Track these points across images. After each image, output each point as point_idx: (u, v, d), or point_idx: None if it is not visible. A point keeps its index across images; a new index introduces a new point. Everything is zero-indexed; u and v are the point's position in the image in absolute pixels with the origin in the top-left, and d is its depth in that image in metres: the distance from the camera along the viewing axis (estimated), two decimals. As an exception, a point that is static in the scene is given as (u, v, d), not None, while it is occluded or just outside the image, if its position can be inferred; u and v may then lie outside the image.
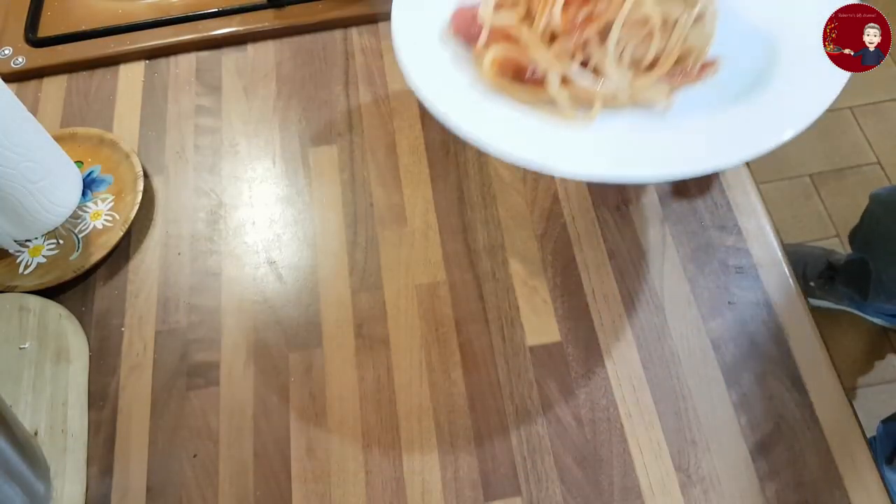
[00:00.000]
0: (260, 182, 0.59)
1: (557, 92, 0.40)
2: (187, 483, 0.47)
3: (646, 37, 0.40)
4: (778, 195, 1.36)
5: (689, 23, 0.40)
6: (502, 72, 0.41)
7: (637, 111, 0.41)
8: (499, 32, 0.41)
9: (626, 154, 0.39)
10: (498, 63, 0.41)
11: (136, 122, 0.63)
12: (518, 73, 0.41)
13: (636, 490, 0.45)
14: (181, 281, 0.54)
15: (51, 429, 0.48)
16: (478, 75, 0.42)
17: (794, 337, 0.49)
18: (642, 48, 0.40)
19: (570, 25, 0.39)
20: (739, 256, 0.52)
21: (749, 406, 0.47)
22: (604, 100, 0.41)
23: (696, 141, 0.39)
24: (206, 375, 0.50)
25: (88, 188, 0.58)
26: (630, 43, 0.40)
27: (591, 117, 0.40)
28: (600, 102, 0.41)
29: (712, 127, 0.40)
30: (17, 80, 0.65)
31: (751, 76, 0.43)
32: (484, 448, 0.47)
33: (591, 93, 0.40)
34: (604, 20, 0.38)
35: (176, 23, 0.66)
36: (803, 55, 0.43)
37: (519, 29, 0.40)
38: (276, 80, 0.64)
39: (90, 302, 0.54)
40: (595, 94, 0.40)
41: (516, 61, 0.40)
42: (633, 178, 0.39)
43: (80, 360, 0.51)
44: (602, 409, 0.47)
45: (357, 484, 0.46)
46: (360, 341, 0.51)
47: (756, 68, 0.43)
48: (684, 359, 0.49)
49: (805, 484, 0.44)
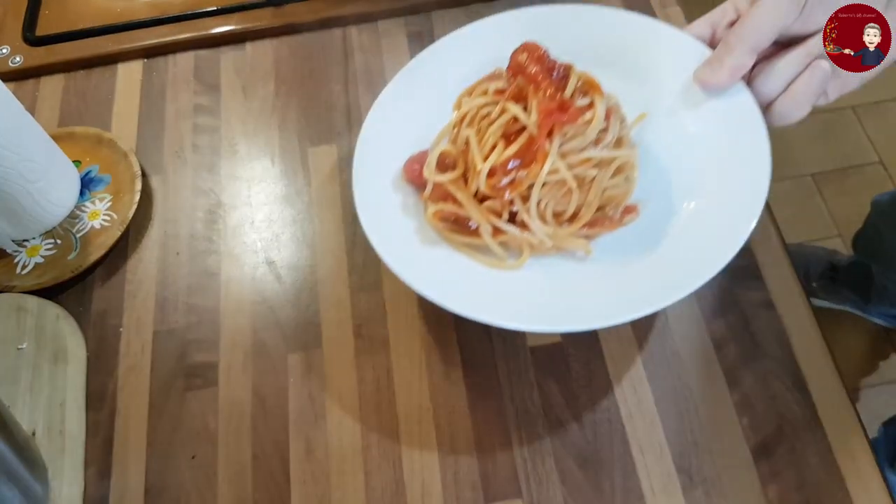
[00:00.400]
0: (259, 181, 0.59)
1: (490, 241, 0.46)
2: (186, 484, 0.47)
3: (566, 193, 0.45)
4: (780, 194, 1.36)
5: (605, 179, 0.45)
6: (444, 220, 0.47)
7: (563, 257, 0.46)
8: (441, 187, 0.47)
9: (541, 306, 0.44)
10: (439, 214, 0.46)
11: (134, 121, 0.62)
12: (458, 221, 0.47)
13: (637, 491, 0.44)
14: (179, 281, 0.54)
15: (49, 430, 0.48)
16: (424, 220, 0.48)
17: (796, 337, 0.48)
18: (563, 202, 0.45)
19: (494, 191, 0.44)
20: (741, 256, 0.52)
21: (751, 407, 0.46)
22: (531, 247, 0.46)
23: (607, 297, 0.44)
24: (205, 376, 0.50)
25: (86, 188, 0.58)
26: (551, 200, 0.45)
27: (519, 264, 0.46)
28: (528, 251, 0.46)
29: (625, 280, 0.44)
30: (15, 80, 0.65)
31: (673, 217, 0.47)
32: (484, 449, 0.46)
33: (519, 241, 0.45)
34: (525, 185, 0.43)
35: (174, 21, 0.66)
36: (718, 201, 0.46)
37: (456, 188, 0.46)
38: (275, 78, 0.64)
39: (88, 302, 0.54)
40: (523, 243, 0.45)
41: (455, 214, 0.46)
42: (544, 331, 0.44)
43: (78, 360, 0.51)
44: (603, 410, 0.47)
45: (356, 485, 0.46)
46: (360, 342, 0.51)
47: (678, 208, 0.47)
48: (686, 359, 0.48)
49: (807, 485, 0.44)
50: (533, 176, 0.43)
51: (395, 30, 0.65)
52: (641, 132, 0.51)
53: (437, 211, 0.46)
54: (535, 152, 0.43)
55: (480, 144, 0.45)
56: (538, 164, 0.43)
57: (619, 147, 0.46)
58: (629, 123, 0.49)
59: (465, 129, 0.46)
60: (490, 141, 0.44)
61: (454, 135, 0.48)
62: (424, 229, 0.48)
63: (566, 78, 0.44)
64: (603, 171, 0.45)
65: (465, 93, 0.50)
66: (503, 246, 0.46)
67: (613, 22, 0.53)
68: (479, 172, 0.44)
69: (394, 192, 0.49)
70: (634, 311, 0.42)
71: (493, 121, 0.45)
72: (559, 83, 0.44)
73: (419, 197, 0.49)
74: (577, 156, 0.44)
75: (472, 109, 0.47)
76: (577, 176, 0.44)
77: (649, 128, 0.51)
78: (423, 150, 0.50)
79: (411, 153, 0.50)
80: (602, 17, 0.54)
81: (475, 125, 0.46)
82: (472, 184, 0.45)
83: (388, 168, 0.50)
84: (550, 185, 0.44)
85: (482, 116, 0.46)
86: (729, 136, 0.47)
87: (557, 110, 0.42)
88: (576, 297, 0.44)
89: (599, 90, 0.45)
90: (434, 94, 0.52)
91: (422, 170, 0.47)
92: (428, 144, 0.51)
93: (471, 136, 0.45)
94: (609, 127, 0.45)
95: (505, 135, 0.44)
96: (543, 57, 0.44)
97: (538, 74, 0.43)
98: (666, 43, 0.51)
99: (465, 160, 0.46)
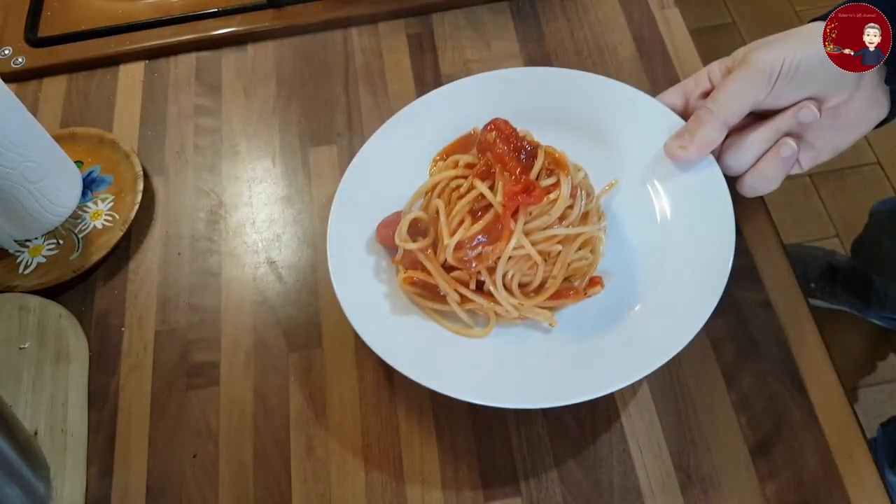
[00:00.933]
0: (260, 182, 0.59)
1: (458, 309, 0.47)
2: (187, 483, 0.47)
3: (532, 266, 0.46)
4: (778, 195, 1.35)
5: (570, 254, 0.46)
6: (414, 285, 0.48)
7: (528, 327, 0.47)
8: (411, 254, 0.48)
9: (500, 381, 0.45)
10: (409, 280, 0.48)
11: (135, 121, 0.63)
12: (427, 287, 0.48)
13: (636, 490, 0.45)
14: (181, 281, 0.54)
15: (51, 429, 0.48)
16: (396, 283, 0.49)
17: (794, 336, 0.49)
18: (530, 274, 0.46)
19: (461, 263, 0.46)
20: (739, 256, 0.52)
21: (749, 406, 0.47)
22: (497, 316, 0.47)
23: (565, 375, 0.45)
24: (206, 375, 0.50)
25: (88, 188, 0.58)
26: (517, 272, 0.46)
27: (486, 333, 0.47)
28: (494, 319, 0.47)
29: (587, 357, 0.45)
30: (17, 80, 0.66)
31: (637, 290, 0.48)
32: (483, 448, 0.47)
33: (486, 309, 0.47)
34: (491, 259, 0.45)
35: (176, 23, 0.66)
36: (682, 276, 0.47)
37: (425, 258, 0.47)
38: (275, 80, 0.64)
39: (90, 302, 0.54)
40: (489, 311, 0.47)
41: (424, 281, 0.47)
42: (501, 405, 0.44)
43: (80, 359, 0.51)
44: (602, 409, 0.47)
45: (357, 484, 0.46)
46: (360, 341, 0.51)
47: (642, 282, 0.48)
48: (684, 359, 0.48)
49: (805, 484, 0.44)
50: (498, 251, 0.44)
51: (395, 31, 0.65)
52: (610, 199, 0.52)
53: (406, 277, 0.48)
54: (501, 230, 0.44)
55: (449, 218, 0.46)
56: (503, 241, 0.44)
57: (585, 221, 0.47)
58: (598, 194, 0.50)
59: (436, 199, 0.48)
60: (458, 216, 0.46)
61: (426, 202, 0.49)
62: (396, 293, 0.49)
63: (533, 157, 0.45)
64: (568, 247, 0.46)
65: (440, 154, 0.53)
66: (470, 314, 0.48)
67: (588, 86, 0.55)
68: (447, 246, 0.45)
69: (367, 253, 0.51)
70: (589, 392, 0.43)
71: (462, 195, 0.46)
72: (526, 163, 0.45)
73: (392, 259, 0.50)
74: (541, 233, 0.45)
75: (442, 180, 0.48)
76: (543, 251, 0.45)
77: (618, 195, 0.52)
78: (398, 210, 0.51)
79: (386, 212, 0.51)
80: (576, 80, 0.55)
81: (445, 196, 0.47)
82: (440, 254, 0.46)
83: (363, 228, 0.51)
84: (517, 258, 0.45)
85: (452, 189, 0.47)
86: (695, 212, 0.49)
87: (523, 191, 0.43)
88: (536, 372, 0.45)
89: (566, 168, 0.45)
90: (409, 155, 0.54)
91: (394, 234, 0.48)
92: (403, 203, 0.52)
93: (440, 208, 0.46)
94: (575, 203, 0.46)
95: (472, 211, 0.46)
96: (511, 136, 0.45)
97: (504, 155, 0.45)
98: (640, 110, 0.53)
99: (435, 228, 0.47)
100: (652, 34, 0.63)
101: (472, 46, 0.64)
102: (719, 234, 0.47)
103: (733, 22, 1.63)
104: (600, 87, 0.55)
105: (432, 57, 0.64)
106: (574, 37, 0.64)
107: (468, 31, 0.65)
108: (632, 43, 0.63)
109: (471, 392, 0.44)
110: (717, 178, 0.49)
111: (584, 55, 0.63)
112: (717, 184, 0.48)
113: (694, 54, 0.61)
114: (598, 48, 0.63)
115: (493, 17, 0.66)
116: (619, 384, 0.43)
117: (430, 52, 0.64)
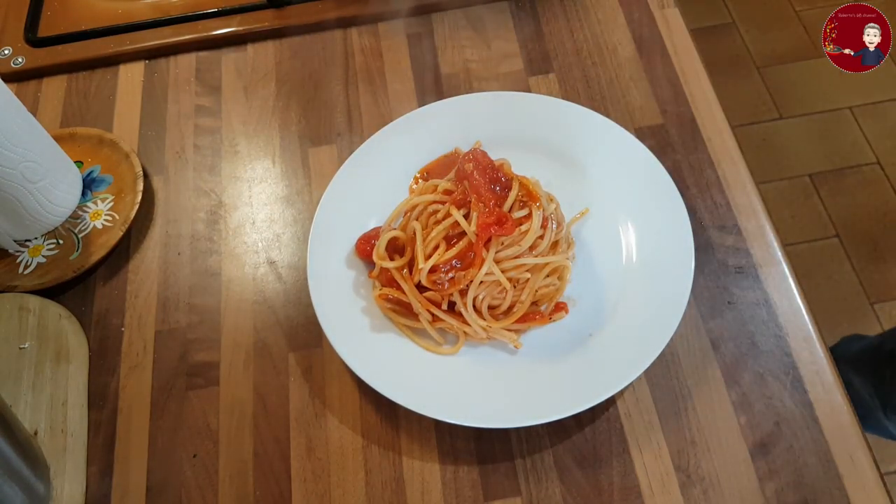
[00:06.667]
0: (260, 182, 0.59)
1: (428, 327, 0.49)
2: (187, 483, 0.47)
3: (501, 290, 0.48)
4: (777, 195, 1.36)
5: (538, 281, 0.48)
6: (389, 301, 0.50)
7: (495, 347, 0.49)
8: (388, 271, 0.50)
9: (464, 401, 0.46)
10: (384, 296, 0.50)
11: (135, 121, 0.63)
12: (401, 304, 0.50)
13: (636, 490, 0.45)
14: (181, 281, 0.54)
15: (51, 429, 0.48)
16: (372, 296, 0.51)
17: (793, 337, 0.49)
18: (500, 297, 0.48)
19: (435, 285, 0.48)
20: (739, 256, 0.52)
21: (749, 406, 0.47)
22: (465, 336, 0.49)
23: (527, 397, 0.46)
24: (206, 375, 0.50)
25: (88, 188, 0.58)
26: (487, 296, 0.48)
27: (454, 350, 0.49)
28: (463, 338, 0.49)
29: (548, 380, 0.47)
30: (17, 80, 0.66)
31: (601, 317, 0.49)
32: (483, 448, 0.47)
33: (456, 329, 0.49)
34: (462, 283, 0.47)
35: (176, 23, 0.66)
36: (644, 302, 0.49)
37: (400, 278, 0.49)
38: (275, 80, 0.64)
39: (90, 302, 0.54)
40: (459, 331, 0.49)
41: (399, 298, 0.49)
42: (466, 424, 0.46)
43: (80, 359, 0.51)
44: (601, 409, 0.47)
45: (357, 483, 0.46)
46: (360, 341, 0.51)
47: (606, 309, 0.50)
48: (684, 358, 0.49)
49: (804, 484, 0.44)
50: (470, 277, 0.46)
51: (394, 31, 0.65)
52: (581, 226, 0.54)
53: (382, 293, 0.50)
54: (474, 258, 0.46)
55: (425, 242, 0.48)
56: (475, 267, 0.46)
57: (555, 250, 0.49)
58: (569, 221, 0.52)
59: (414, 221, 0.50)
60: (433, 241, 0.48)
61: (404, 221, 0.51)
62: (372, 307, 0.51)
63: (508, 189, 0.47)
64: (536, 275, 0.48)
65: (422, 172, 0.56)
66: (441, 332, 0.49)
67: (568, 115, 0.56)
68: (422, 270, 0.47)
69: (347, 267, 0.52)
70: (548, 414, 0.44)
71: (438, 220, 0.48)
72: (500, 195, 0.47)
73: (369, 273, 0.52)
74: (511, 262, 0.47)
75: (420, 203, 0.50)
76: (512, 278, 0.47)
77: (589, 223, 0.54)
78: (378, 226, 0.54)
79: (366, 227, 0.53)
80: (557, 108, 0.57)
81: (423, 219, 0.49)
82: (415, 276, 0.48)
83: (343, 241, 0.53)
84: (487, 283, 0.47)
85: (430, 213, 0.49)
86: (659, 247, 0.50)
87: (495, 223, 0.45)
88: (500, 391, 0.47)
89: (538, 200, 0.47)
90: (390, 172, 0.56)
91: (373, 250, 0.51)
92: (384, 217, 0.54)
93: (418, 231, 0.49)
94: (546, 233, 0.47)
95: (447, 237, 0.48)
96: (487, 168, 0.48)
97: (480, 186, 0.47)
98: (615, 143, 0.55)
99: (412, 248, 0.49)
100: (652, 34, 0.63)
101: (472, 46, 0.64)
102: (679, 269, 0.49)
103: (733, 22, 1.63)
104: (579, 117, 0.56)
105: (432, 57, 0.64)
106: (574, 37, 0.64)
107: (468, 31, 0.65)
108: (631, 43, 0.63)
109: (435, 408, 0.45)
110: (682, 216, 0.50)
111: (583, 55, 0.63)
112: (681, 221, 0.50)
113: (694, 54, 0.62)
114: (597, 48, 0.63)
115: (493, 17, 0.66)
116: (576, 408, 0.44)
117: (430, 52, 0.64)
